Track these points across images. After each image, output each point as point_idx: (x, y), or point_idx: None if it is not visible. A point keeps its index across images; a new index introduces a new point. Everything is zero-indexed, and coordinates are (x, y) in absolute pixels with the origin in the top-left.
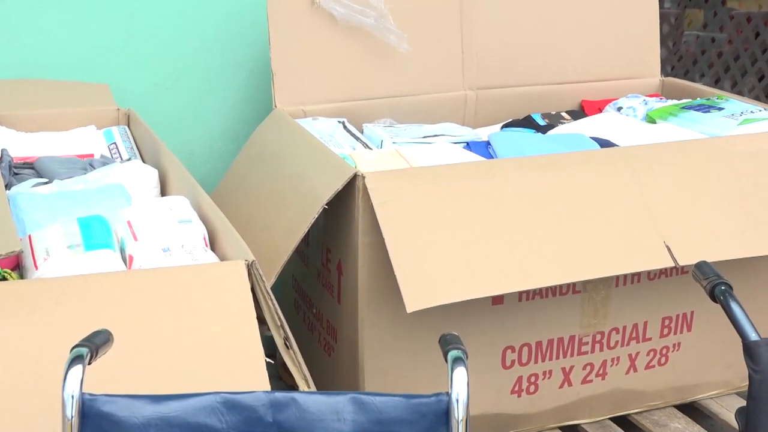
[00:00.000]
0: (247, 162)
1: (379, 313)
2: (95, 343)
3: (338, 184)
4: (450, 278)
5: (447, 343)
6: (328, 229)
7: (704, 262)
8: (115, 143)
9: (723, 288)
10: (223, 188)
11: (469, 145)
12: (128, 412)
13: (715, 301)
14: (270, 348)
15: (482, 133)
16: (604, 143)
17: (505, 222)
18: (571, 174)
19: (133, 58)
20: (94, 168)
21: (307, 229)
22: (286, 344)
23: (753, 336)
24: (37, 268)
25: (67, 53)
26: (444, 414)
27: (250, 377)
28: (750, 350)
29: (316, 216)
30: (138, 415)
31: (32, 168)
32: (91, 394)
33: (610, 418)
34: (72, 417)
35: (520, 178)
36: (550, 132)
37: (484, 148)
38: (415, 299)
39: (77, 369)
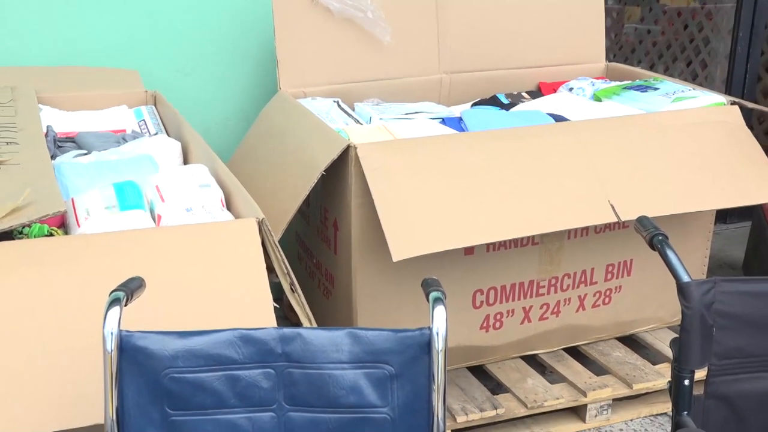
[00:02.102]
0: (256, 136)
1: (370, 262)
2: (130, 288)
3: (334, 154)
4: (429, 232)
5: (428, 285)
6: (325, 192)
7: (644, 216)
8: (144, 120)
9: (660, 238)
10: (236, 159)
11: (444, 121)
12: (159, 345)
13: (654, 249)
14: (277, 293)
15: (455, 111)
16: (558, 118)
17: (475, 185)
18: (530, 144)
19: (158, 49)
20: (127, 141)
21: (307, 193)
22: (291, 288)
23: (685, 278)
24: (79, 226)
25: (101, 44)
26: (426, 345)
27: (261, 316)
28: (683, 290)
29: (315, 181)
30: (168, 348)
31: (73, 142)
32: (127, 331)
33: (563, 349)
34: (111, 351)
35: (487, 147)
36: (513, 109)
37: (456, 123)
38: (400, 250)
39: (115, 310)
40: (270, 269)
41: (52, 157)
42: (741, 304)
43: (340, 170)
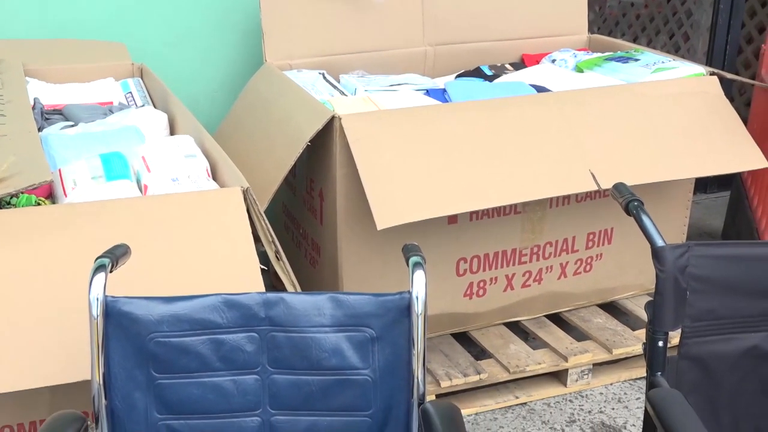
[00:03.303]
0: (242, 108)
1: (355, 231)
2: (115, 255)
3: (319, 125)
4: (413, 201)
5: (408, 250)
6: (311, 163)
7: (621, 183)
8: (130, 92)
9: (636, 204)
10: (222, 130)
11: (428, 92)
12: (144, 310)
13: (629, 215)
14: (264, 263)
15: (439, 82)
16: (541, 89)
17: (458, 155)
18: (512, 114)
19: (144, 21)
20: (113, 113)
21: (293, 163)
22: (277, 256)
23: (660, 242)
24: (66, 197)
25: (88, 17)
26: (406, 309)
27: (247, 283)
28: (657, 254)
29: (301, 152)
30: (153, 313)
31: (61, 114)
32: (112, 297)
33: (545, 315)
34: (97, 316)
35: (470, 118)
36: (496, 80)
37: (440, 95)
38: (384, 218)
39: (100, 276)
40: (256, 239)
41: (39, 129)
42: (714, 267)
43: (326, 141)
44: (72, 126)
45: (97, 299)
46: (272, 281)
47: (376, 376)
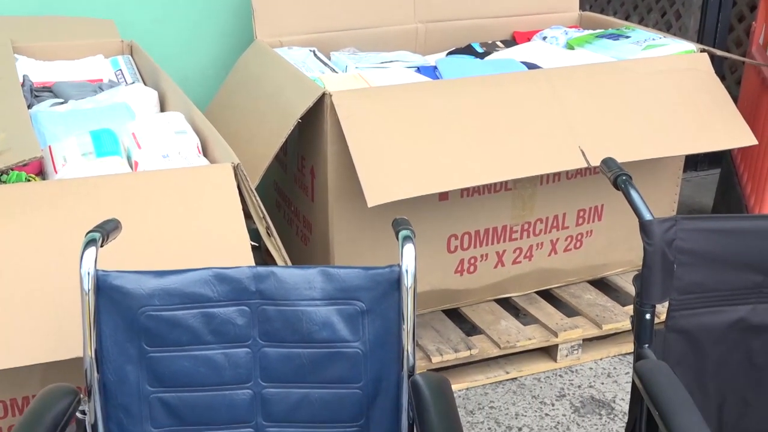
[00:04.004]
0: (233, 86)
1: (346, 208)
2: (106, 229)
3: (309, 102)
4: (404, 178)
5: (398, 224)
6: (302, 140)
7: (610, 158)
8: (120, 70)
9: (624, 178)
10: (213, 108)
11: (419, 69)
12: (135, 284)
13: (618, 189)
14: (256, 240)
15: (430, 60)
16: (531, 66)
17: (449, 132)
18: (503, 91)
19: None
20: (103, 90)
21: (284, 140)
22: (268, 232)
23: (647, 216)
24: (56, 173)
25: None
26: (396, 282)
27: (237, 257)
28: (645, 227)
29: (292, 129)
30: (144, 287)
31: (50, 91)
32: (104, 271)
33: (536, 292)
34: (89, 290)
35: (461, 95)
36: (487, 58)
37: (431, 72)
38: (375, 196)
39: (91, 251)
40: (247, 215)
41: (29, 107)
42: (701, 240)
43: (317, 118)
44: (62, 103)
45: (88, 273)
46: (264, 258)
47: (367, 348)
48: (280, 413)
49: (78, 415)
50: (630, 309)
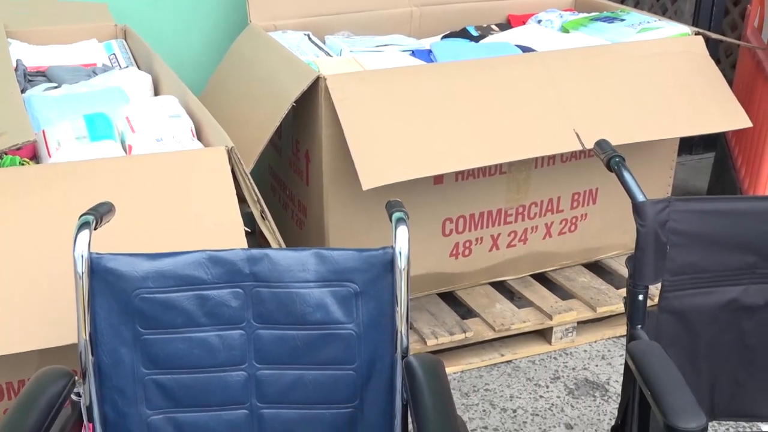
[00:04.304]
0: (227, 70)
1: (341, 192)
2: (100, 212)
3: (304, 85)
4: (399, 161)
5: (392, 206)
6: (296, 124)
7: (603, 139)
8: (114, 54)
9: (617, 160)
10: (208, 92)
11: (414, 53)
12: (129, 267)
13: (611, 171)
14: (250, 225)
15: (425, 43)
16: (526, 50)
17: (444, 115)
18: (498, 74)
19: None
20: (97, 75)
21: (278, 123)
22: (262, 216)
23: (640, 197)
24: (50, 157)
25: None
26: (389, 264)
27: (231, 240)
28: (638, 209)
29: (286, 112)
30: (137, 270)
31: (44, 75)
32: (97, 254)
33: (530, 275)
34: (82, 272)
35: (456, 78)
36: (482, 41)
37: (426, 55)
38: (369, 179)
39: (85, 233)
40: (242, 200)
41: (23, 91)
42: (694, 222)
43: (311, 102)
44: (55, 87)
45: (82, 256)
46: (259, 242)
47: (360, 330)
48: (274, 395)
49: (73, 397)
50: (624, 292)
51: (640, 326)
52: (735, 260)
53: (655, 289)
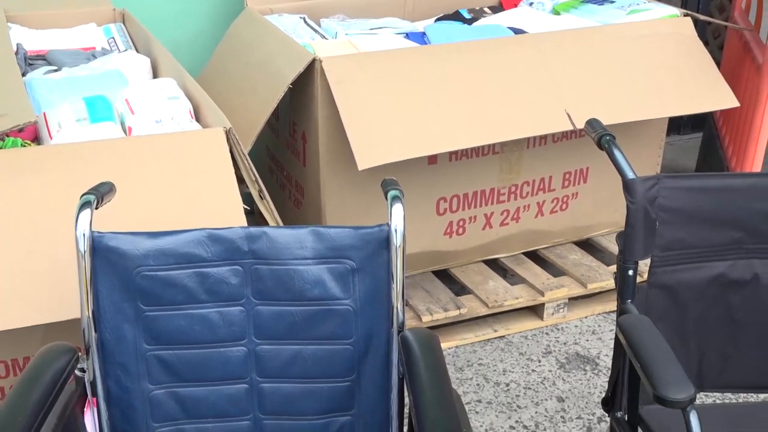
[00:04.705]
0: (224, 53)
1: (337, 172)
2: (101, 192)
3: (300, 67)
4: (394, 142)
5: (387, 185)
6: (293, 106)
7: (594, 119)
8: (113, 38)
9: (608, 138)
10: (205, 75)
11: (408, 35)
12: (131, 245)
13: (602, 149)
14: (248, 205)
15: (419, 26)
16: (518, 32)
17: (437, 96)
18: (490, 56)
19: None
20: (96, 58)
21: (275, 105)
22: (260, 195)
23: (630, 175)
24: (51, 139)
25: None
26: (385, 241)
27: (229, 219)
28: (628, 186)
29: (283, 94)
30: (139, 248)
31: (44, 59)
32: (99, 232)
33: (523, 253)
34: (84, 251)
35: (449, 60)
36: (475, 24)
37: (420, 38)
38: (365, 159)
39: (86, 213)
40: (240, 180)
41: (23, 74)
42: (682, 198)
43: (307, 84)
44: (55, 71)
45: (84, 235)
46: (258, 222)
47: (357, 306)
48: (273, 369)
49: (77, 372)
50: (614, 269)
51: (630, 301)
52: (722, 236)
53: (644, 266)
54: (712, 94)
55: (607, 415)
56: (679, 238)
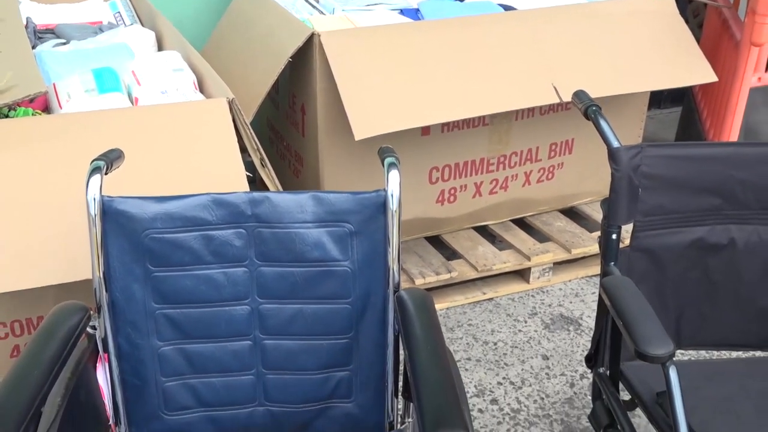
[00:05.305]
0: (226, 28)
1: (335, 143)
2: (110, 158)
3: (299, 42)
4: (389, 113)
5: (383, 152)
6: (293, 79)
7: (581, 90)
8: (119, 12)
9: (594, 108)
10: (207, 49)
11: (402, 11)
12: (139, 209)
13: (588, 119)
14: (250, 172)
15: (413, 2)
16: (508, 8)
17: (430, 70)
18: (481, 32)
19: None
20: (103, 32)
21: (275, 78)
22: (262, 163)
23: (615, 144)
24: (61, 108)
25: None
26: (382, 205)
27: (233, 184)
28: (613, 154)
29: (283, 67)
30: (147, 211)
31: (53, 33)
32: (109, 197)
33: (511, 220)
34: (95, 215)
35: (442, 35)
36: (466, 0)
37: (414, 14)
38: (361, 130)
39: (96, 178)
40: (242, 149)
41: (33, 47)
42: (664, 166)
43: (306, 58)
44: (64, 44)
45: (95, 199)
46: (259, 189)
47: (355, 267)
48: (275, 327)
49: (89, 330)
50: (597, 235)
51: (613, 263)
52: (702, 202)
53: (627, 231)
54: (692, 69)
55: (589, 371)
56: (660, 204)
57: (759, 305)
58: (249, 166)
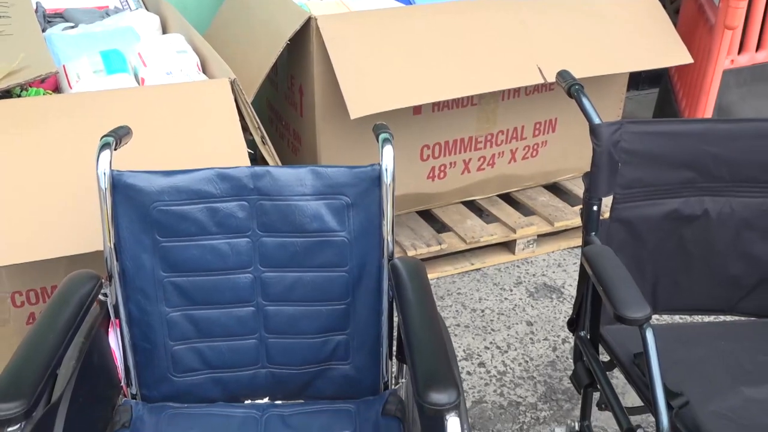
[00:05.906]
0: (227, 12)
1: (331, 122)
2: (119, 134)
3: (297, 25)
4: (383, 93)
5: (378, 128)
6: (291, 61)
7: (565, 70)
8: None
9: (577, 87)
10: (210, 33)
11: None
12: (147, 183)
13: (571, 97)
14: (251, 149)
15: None
16: None
17: (422, 52)
18: (472, 16)
19: None
20: (110, 16)
21: (275, 60)
22: (262, 141)
23: (597, 120)
24: (71, 88)
25: None
26: (377, 179)
27: (236, 160)
28: (594, 130)
29: (281, 50)
30: (154, 185)
31: (61, 17)
32: (118, 171)
33: (497, 195)
34: (105, 188)
35: (434, 19)
36: None
37: None
38: (356, 109)
39: (106, 153)
40: (244, 128)
41: (43, 30)
42: (643, 142)
43: (304, 41)
44: (73, 27)
45: (105, 173)
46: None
47: (352, 237)
48: (277, 294)
49: (101, 297)
50: (579, 209)
51: (594, 233)
52: (677, 176)
53: (606, 204)
54: (669, 52)
55: (570, 336)
56: (638, 178)
57: (729, 273)
58: (250, 143)
